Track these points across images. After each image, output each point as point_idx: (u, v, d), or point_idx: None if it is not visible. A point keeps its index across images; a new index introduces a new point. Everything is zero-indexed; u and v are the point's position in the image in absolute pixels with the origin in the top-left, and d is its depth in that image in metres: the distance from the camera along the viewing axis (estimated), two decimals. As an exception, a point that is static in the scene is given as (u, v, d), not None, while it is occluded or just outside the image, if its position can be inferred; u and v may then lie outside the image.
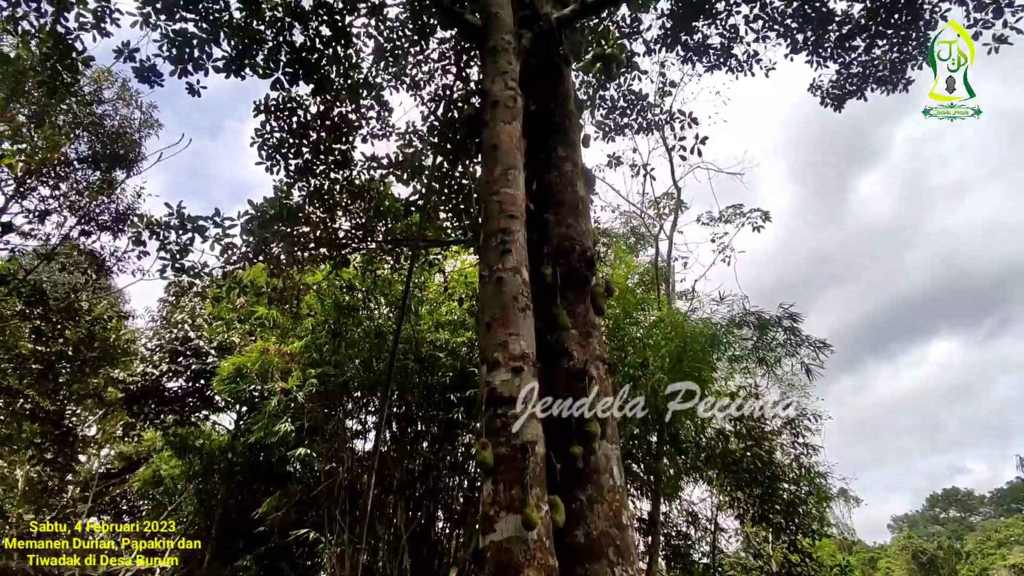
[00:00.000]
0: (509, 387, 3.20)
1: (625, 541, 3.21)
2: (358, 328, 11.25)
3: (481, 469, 3.12)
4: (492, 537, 2.93)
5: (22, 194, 10.92)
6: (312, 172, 7.93)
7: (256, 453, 13.95)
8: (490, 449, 3.10)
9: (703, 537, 11.90)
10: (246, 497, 13.60)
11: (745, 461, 10.55)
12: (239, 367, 12.38)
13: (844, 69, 8.55)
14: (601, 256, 13.56)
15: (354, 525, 10.43)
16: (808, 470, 10.51)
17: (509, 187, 3.63)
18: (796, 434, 10.85)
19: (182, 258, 7.87)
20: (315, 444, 11.07)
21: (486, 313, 3.41)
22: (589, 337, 3.71)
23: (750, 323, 10.08)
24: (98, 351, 11.26)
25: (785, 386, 11.86)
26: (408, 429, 12.06)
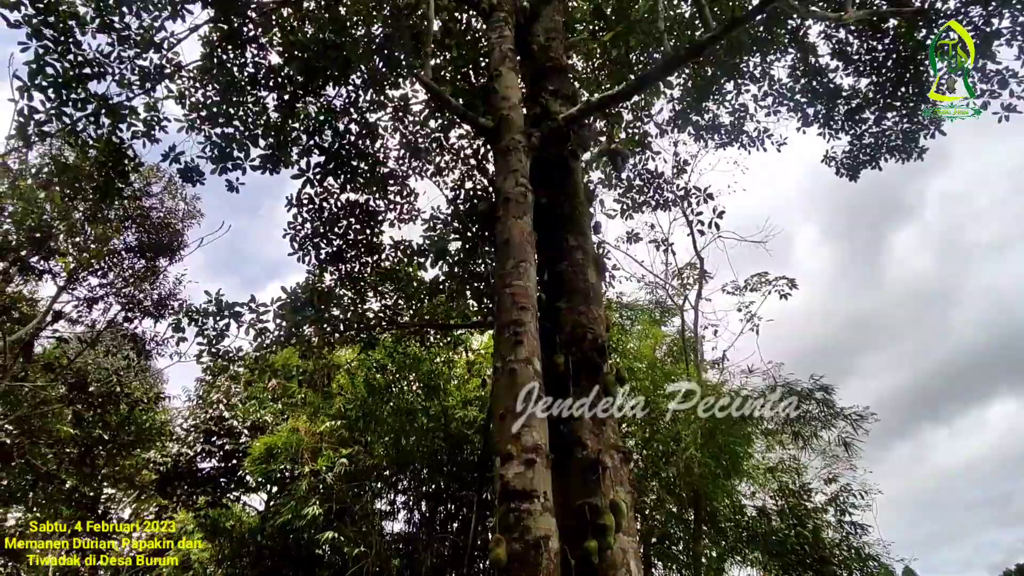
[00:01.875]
0: (522, 480, 3.21)
1: (647, 643, 3.09)
2: (387, 406, 11.33)
3: (495, 566, 3.09)
4: (507, 639, 2.87)
5: (73, 284, 11.59)
6: (342, 259, 8.28)
7: (285, 536, 13.77)
8: (503, 545, 3.08)
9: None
10: (274, 583, 13.33)
11: (789, 542, 9.99)
12: (270, 447, 12.48)
13: (856, 140, 8.69)
14: (626, 329, 13.52)
15: (382, 613, 10.12)
16: (858, 552, 9.87)
17: (521, 279, 3.77)
18: (842, 511, 10.27)
19: (218, 343, 8.19)
20: (343, 527, 10.91)
21: (499, 405, 3.47)
22: (603, 425, 3.72)
23: (782, 396, 9.82)
24: (134, 435, 11.53)
25: (829, 459, 11.35)
26: (438, 509, 11.85)
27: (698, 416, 9.70)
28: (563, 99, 5.17)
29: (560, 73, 5.53)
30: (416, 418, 11.08)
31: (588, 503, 3.35)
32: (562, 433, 3.62)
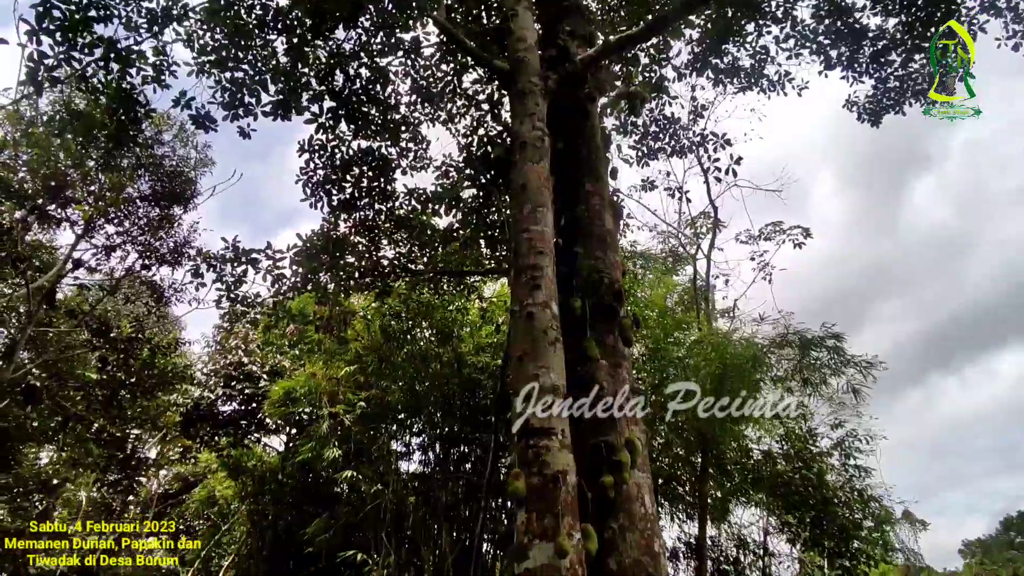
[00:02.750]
0: (540, 419, 3.33)
1: (658, 569, 3.26)
2: (401, 352, 11.55)
3: (514, 499, 3.25)
4: (526, 565, 3.04)
5: (90, 233, 11.72)
6: (355, 206, 8.30)
7: (305, 475, 14.36)
8: (522, 479, 3.22)
9: (754, 562, 11.58)
10: (295, 518, 13.96)
11: (794, 484, 10.28)
12: (288, 391, 12.84)
13: (880, 84, 8.41)
14: (639, 277, 13.54)
15: (400, 547, 10.62)
16: (861, 494, 10.15)
17: (537, 224, 3.80)
18: (847, 455, 10.51)
19: (237, 288, 8.33)
20: (361, 467, 11.34)
21: (517, 347, 3.56)
22: (618, 367, 3.81)
23: (792, 343, 9.89)
24: (157, 378, 11.89)
25: (835, 406, 11.53)
26: (451, 451, 12.23)
27: (708, 362, 9.83)
28: (580, 40, 5.06)
29: (577, 13, 5.38)
30: (430, 364, 11.31)
31: (604, 441, 3.47)
32: (579, 374, 3.72)
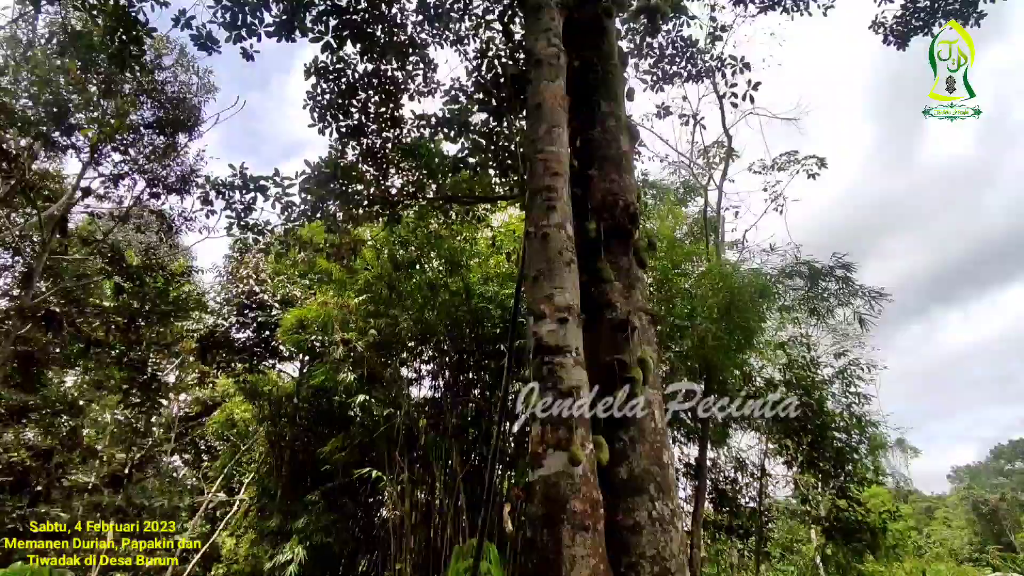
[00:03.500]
0: (555, 337, 3.41)
1: (666, 478, 3.43)
2: (411, 282, 11.67)
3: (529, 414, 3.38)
4: (541, 472, 3.21)
5: (97, 160, 11.63)
6: (363, 132, 8.16)
7: (320, 399, 14.88)
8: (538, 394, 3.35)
9: (751, 483, 12.11)
10: (312, 439, 14.58)
11: (794, 410, 10.57)
12: (301, 319, 13.09)
13: (910, 3, 8.01)
14: (648, 208, 13.44)
15: (412, 466, 11.12)
16: (859, 419, 10.46)
17: (553, 145, 3.76)
18: (848, 383, 10.75)
19: (246, 216, 8.34)
20: (374, 391, 11.72)
21: (532, 267, 3.60)
22: (632, 289, 3.86)
23: (801, 273, 9.91)
24: (171, 305, 12.12)
25: (839, 336, 11.69)
26: (460, 378, 12.58)
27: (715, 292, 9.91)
28: (598, -50, 4.80)
29: (595, -80, 5.09)
30: (439, 293, 11.44)
31: (617, 359, 3.57)
32: (593, 295, 3.78)
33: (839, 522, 9.96)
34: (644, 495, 3.31)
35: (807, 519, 10.55)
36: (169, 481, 13.86)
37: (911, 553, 11.77)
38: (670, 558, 3.18)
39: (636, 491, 3.32)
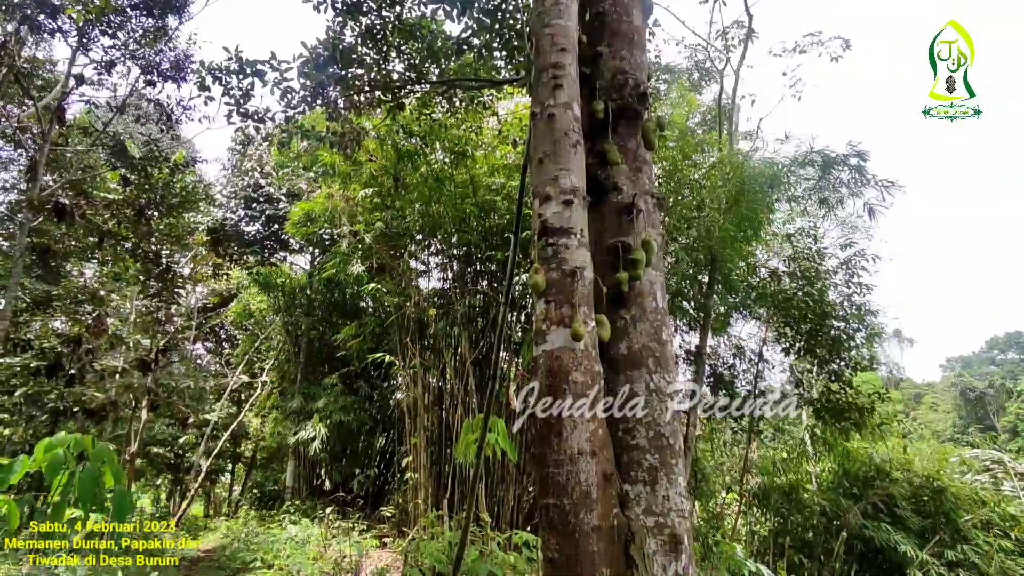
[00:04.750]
0: (560, 219, 3.45)
1: (664, 354, 3.60)
2: (416, 174, 11.54)
3: (534, 292, 3.50)
4: (544, 347, 3.38)
5: (86, 46, 11.16)
6: (360, 10, 7.73)
7: (331, 290, 15.28)
8: (542, 274, 3.45)
9: (748, 369, 12.60)
10: (326, 328, 15.16)
11: (796, 300, 10.78)
12: (308, 212, 13.14)
13: None
14: (661, 94, 12.91)
15: (423, 352, 11.61)
16: (859, 308, 10.67)
17: (561, 18, 3.59)
18: (851, 274, 10.86)
19: (245, 103, 8.14)
20: (384, 282, 11.98)
21: (538, 149, 3.57)
22: (639, 172, 3.84)
23: (814, 162, 9.70)
24: (180, 196, 12.14)
25: (847, 228, 11.65)
26: (468, 269, 12.79)
27: (725, 182, 9.77)
28: None
29: None
30: (445, 185, 11.34)
31: (621, 241, 3.62)
32: (599, 178, 3.77)
33: (830, 404, 10.47)
34: (642, 368, 3.49)
35: (800, 401, 11.09)
36: (194, 367, 14.62)
37: (896, 433, 12.46)
38: (664, 425, 3.41)
39: (635, 365, 3.50)
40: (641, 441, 3.36)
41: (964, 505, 9.28)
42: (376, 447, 14.10)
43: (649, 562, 3.08)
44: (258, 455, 19.80)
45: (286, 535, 9.78)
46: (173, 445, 17.13)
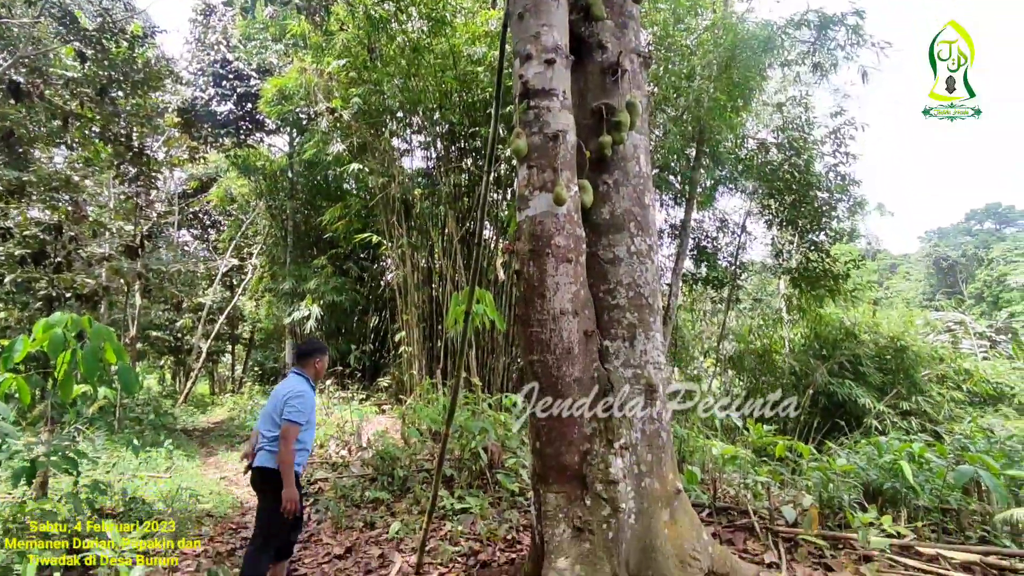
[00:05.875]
0: (542, 80, 3.37)
1: (646, 218, 3.68)
2: (392, 44, 10.88)
3: (516, 157, 3.49)
4: (527, 213, 3.44)
5: None
6: None
7: (313, 173, 14.98)
8: (524, 138, 3.42)
9: (730, 243, 12.85)
10: (311, 212, 15.03)
11: (782, 171, 10.77)
12: (281, 89, 12.50)
13: None
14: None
15: (411, 232, 11.65)
16: (843, 178, 10.71)
17: None
18: (839, 143, 10.77)
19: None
20: (366, 162, 11.72)
21: (518, 3, 3.40)
22: (625, 28, 3.69)
23: (810, 22, 9.24)
24: (143, 72, 11.46)
25: (840, 97, 11.40)
26: (452, 147, 12.48)
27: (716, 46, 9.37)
28: None
29: None
30: (423, 56, 10.73)
31: (605, 103, 3.56)
32: (582, 35, 3.63)
33: (807, 272, 10.84)
34: (624, 232, 3.58)
35: (778, 271, 11.42)
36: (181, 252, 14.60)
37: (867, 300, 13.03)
38: (644, 285, 3.56)
39: (617, 229, 3.59)
40: (621, 301, 3.53)
41: (923, 362, 9.97)
42: (370, 325, 14.55)
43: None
44: (256, 336, 20.41)
45: (289, 405, 10.33)
46: (171, 329, 17.56)
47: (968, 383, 9.59)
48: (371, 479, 6.08)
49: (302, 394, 3.67)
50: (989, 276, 37.69)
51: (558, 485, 3.27)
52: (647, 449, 3.32)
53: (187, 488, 5.95)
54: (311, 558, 4.55)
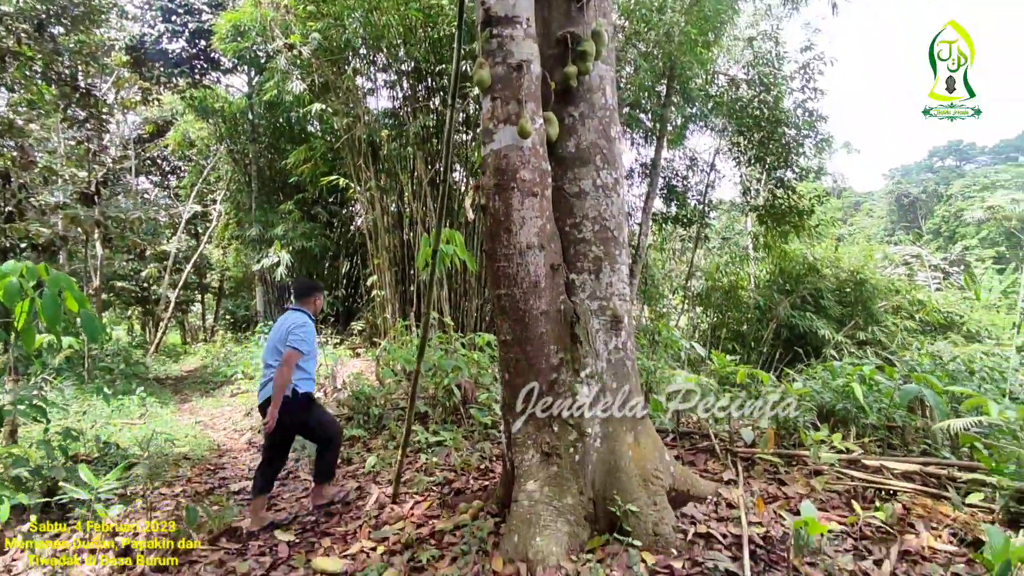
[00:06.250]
0: (504, 6, 3.27)
1: (612, 151, 3.67)
2: (351, -28, 10.32)
3: (480, 88, 3.42)
4: (492, 146, 3.40)
5: None
6: None
7: (276, 116, 14.43)
8: (487, 68, 3.34)
9: (700, 181, 12.91)
10: (275, 155, 14.58)
11: (751, 107, 10.75)
12: (236, 24, 11.86)
13: None
14: None
15: (379, 175, 11.42)
16: (811, 114, 10.75)
17: None
18: (808, 78, 10.75)
19: None
20: (330, 102, 11.32)
21: (479, -77, 3.25)
22: (588, -47, 3.57)
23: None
24: (83, 4, 10.74)
25: (811, 32, 11.28)
26: (419, 86, 12.10)
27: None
28: None
29: None
30: (382, -14, 10.23)
31: (570, 32, 3.48)
32: (545, -41, 3.50)
33: (773, 208, 11.01)
34: (590, 166, 3.58)
35: (746, 208, 11.56)
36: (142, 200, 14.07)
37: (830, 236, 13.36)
38: (610, 218, 3.59)
39: (583, 162, 3.58)
40: (587, 235, 3.57)
41: (880, 294, 10.37)
42: (342, 271, 14.44)
43: (592, 338, 3.46)
44: (225, 285, 20.10)
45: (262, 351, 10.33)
46: (137, 279, 17.16)
47: (921, 313, 10.04)
48: (347, 418, 6.19)
49: (304, 325, 4.04)
50: (947, 212, 38.76)
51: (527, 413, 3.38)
52: (612, 377, 3.43)
53: (162, 433, 5.99)
54: (289, 494, 4.68)
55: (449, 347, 6.61)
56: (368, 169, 11.13)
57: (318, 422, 4.14)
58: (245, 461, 5.79)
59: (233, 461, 5.79)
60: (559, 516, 3.14)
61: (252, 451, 6.15)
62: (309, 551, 3.53)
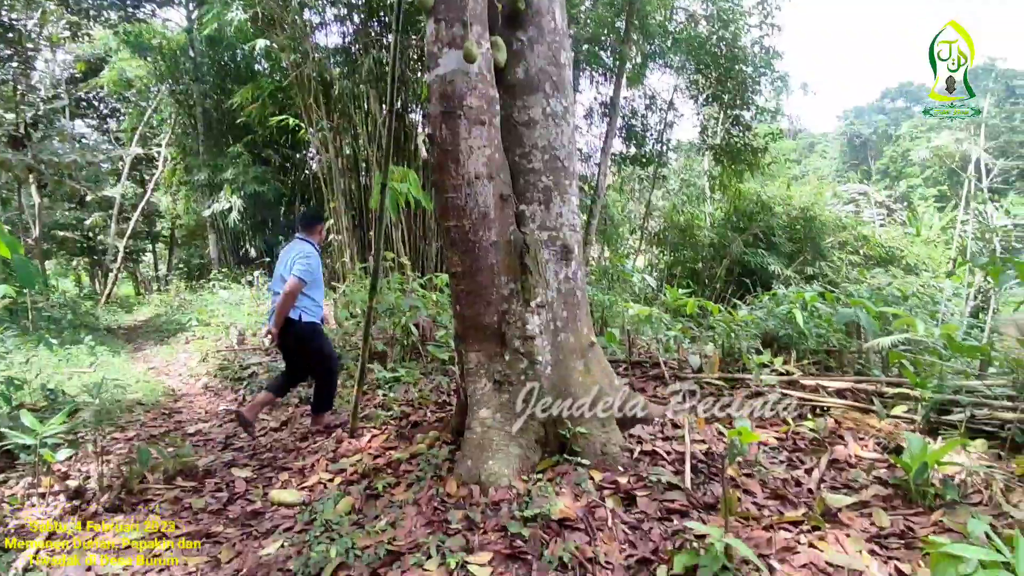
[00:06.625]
0: (446, -80, 3.10)
1: (561, 77, 3.60)
2: None
3: (423, 9, 3.28)
4: (436, 72, 3.30)
5: None
6: None
7: (219, 53, 13.63)
8: (431, -12, 3.20)
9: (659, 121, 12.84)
10: (221, 95, 13.85)
11: (710, 44, 10.64)
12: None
13: None
14: None
15: (331, 114, 10.99)
16: (767, 51, 10.72)
17: None
18: (766, 14, 10.66)
19: None
20: (275, 37, 10.73)
21: None
22: None
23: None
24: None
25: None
26: (371, 20, 11.55)
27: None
28: None
29: None
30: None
31: (514, -51, 3.34)
32: None
33: (729, 147, 11.10)
34: (539, 93, 3.51)
35: (703, 147, 11.62)
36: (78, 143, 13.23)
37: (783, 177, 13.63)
38: (560, 148, 3.56)
39: (532, 89, 3.51)
40: (537, 165, 3.53)
41: (828, 230, 10.70)
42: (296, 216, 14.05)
43: (543, 268, 3.48)
44: (177, 233, 19.40)
45: (218, 299, 10.16)
46: (81, 228, 16.39)
47: (865, 248, 10.44)
48: (305, 361, 6.16)
49: (309, 255, 4.25)
50: (895, 152, 39.74)
51: (479, 344, 3.42)
52: (563, 307, 3.48)
53: (113, 379, 5.87)
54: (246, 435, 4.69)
55: (406, 287, 6.58)
56: (319, 109, 10.70)
57: (319, 352, 4.34)
58: (202, 404, 5.75)
59: (189, 405, 5.75)
60: (511, 440, 3.23)
61: (208, 395, 6.10)
62: (267, 485, 3.57)
